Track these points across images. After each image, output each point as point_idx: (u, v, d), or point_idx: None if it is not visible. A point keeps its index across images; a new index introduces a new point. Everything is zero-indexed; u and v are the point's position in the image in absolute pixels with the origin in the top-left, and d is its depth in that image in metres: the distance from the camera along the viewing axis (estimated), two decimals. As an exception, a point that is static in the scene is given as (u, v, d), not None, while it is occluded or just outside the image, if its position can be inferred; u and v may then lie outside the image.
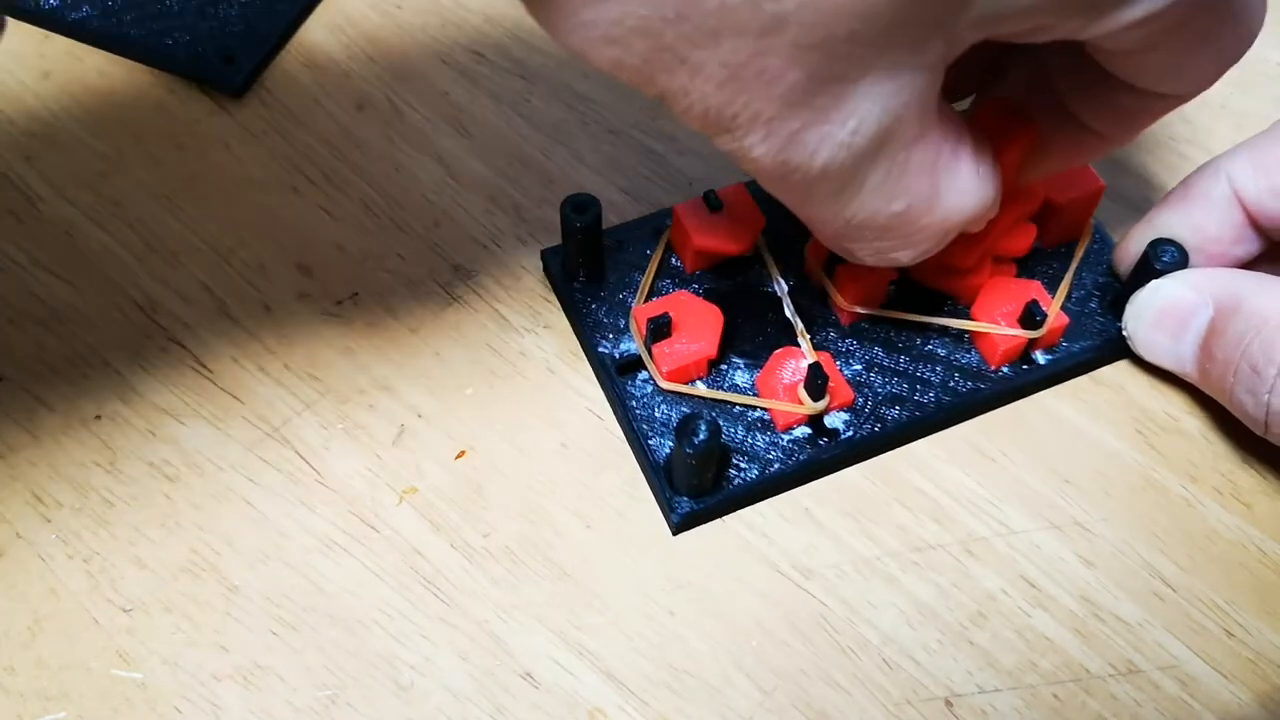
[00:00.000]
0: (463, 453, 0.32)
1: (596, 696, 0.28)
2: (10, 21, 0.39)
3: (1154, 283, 0.32)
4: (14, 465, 0.31)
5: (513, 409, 0.32)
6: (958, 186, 0.25)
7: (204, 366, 0.33)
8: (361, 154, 0.37)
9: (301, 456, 0.31)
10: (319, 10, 0.40)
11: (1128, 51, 0.24)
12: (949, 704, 0.28)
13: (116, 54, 0.38)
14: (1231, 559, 0.30)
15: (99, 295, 0.34)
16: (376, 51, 0.39)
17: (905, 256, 0.27)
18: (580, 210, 0.31)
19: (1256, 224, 0.31)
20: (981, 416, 0.32)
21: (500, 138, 0.37)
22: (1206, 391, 0.31)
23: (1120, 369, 0.33)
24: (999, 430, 0.32)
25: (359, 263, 0.35)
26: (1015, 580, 0.30)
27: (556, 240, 0.35)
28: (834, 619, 0.29)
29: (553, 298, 0.34)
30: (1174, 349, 0.31)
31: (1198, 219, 0.32)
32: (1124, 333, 0.32)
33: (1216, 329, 0.30)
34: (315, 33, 0.39)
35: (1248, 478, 0.32)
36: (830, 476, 0.31)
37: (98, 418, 0.32)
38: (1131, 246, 0.33)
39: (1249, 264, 0.32)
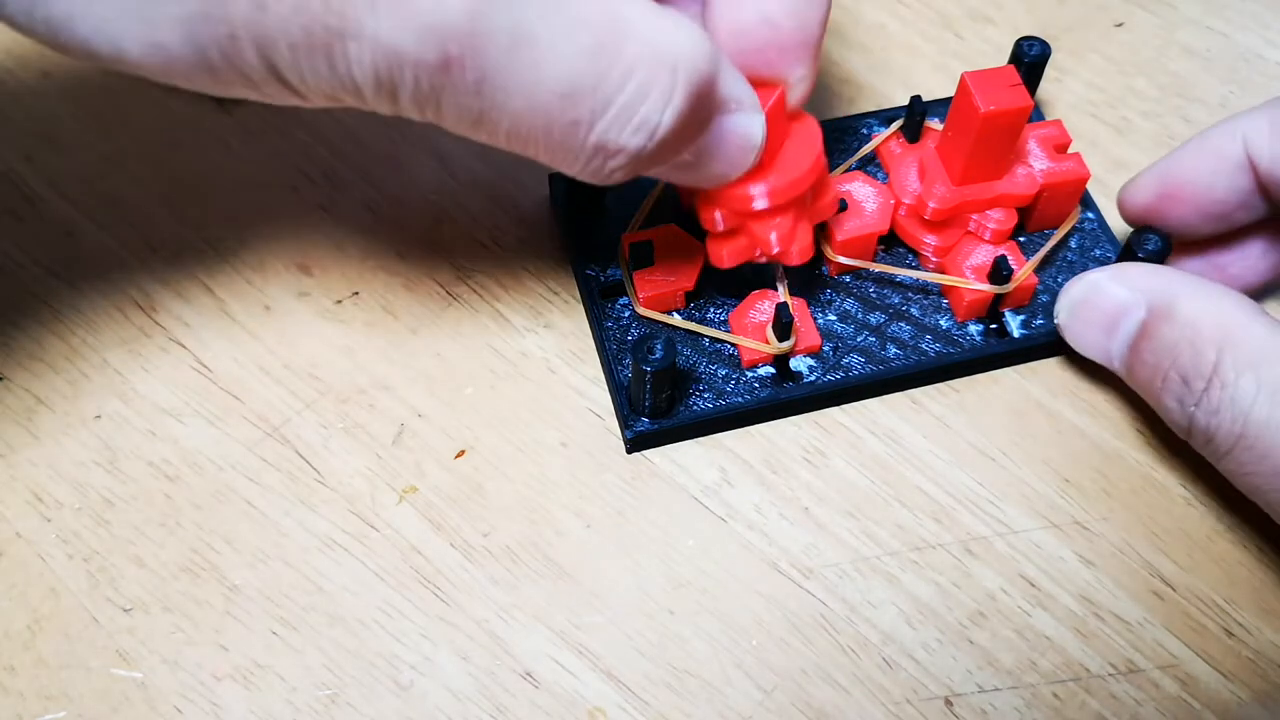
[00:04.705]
0: (462, 452, 0.32)
1: (596, 696, 0.28)
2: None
3: (1090, 277, 0.31)
4: (14, 465, 0.31)
5: (513, 409, 0.32)
6: (644, 16, 0.23)
7: (204, 366, 0.33)
8: (361, 154, 0.37)
9: (301, 456, 0.31)
10: (319, 10, 0.40)
11: None
12: (949, 703, 0.28)
13: (116, 54, 0.38)
14: (1231, 559, 0.30)
15: (99, 295, 0.34)
16: (376, 51, 0.39)
17: (653, 110, 0.24)
18: None
19: (1266, 190, 0.31)
20: (981, 416, 0.32)
21: (500, 138, 0.37)
22: (1132, 388, 0.31)
23: (1120, 368, 0.33)
24: (999, 430, 0.32)
25: (359, 263, 0.35)
26: (1015, 580, 0.30)
27: (558, 239, 0.35)
28: (834, 619, 0.29)
29: (553, 298, 0.34)
30: (1104, 345, 0.31)
31: (1206, 178, 0.31)
32: (1056, 322, 0.32)
33: (1148, 332, 0.29)
34: (315, 33, 0.39)
35: (1248, 477, 0.32)
36: (830, 473, 0.31)
37: (98, 418, 0.32)
38: (1136, 193, 0.33)
39: (1249, 228, 0.32)
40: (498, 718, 0.28)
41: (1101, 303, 0.31)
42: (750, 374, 0.32)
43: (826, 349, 0.32)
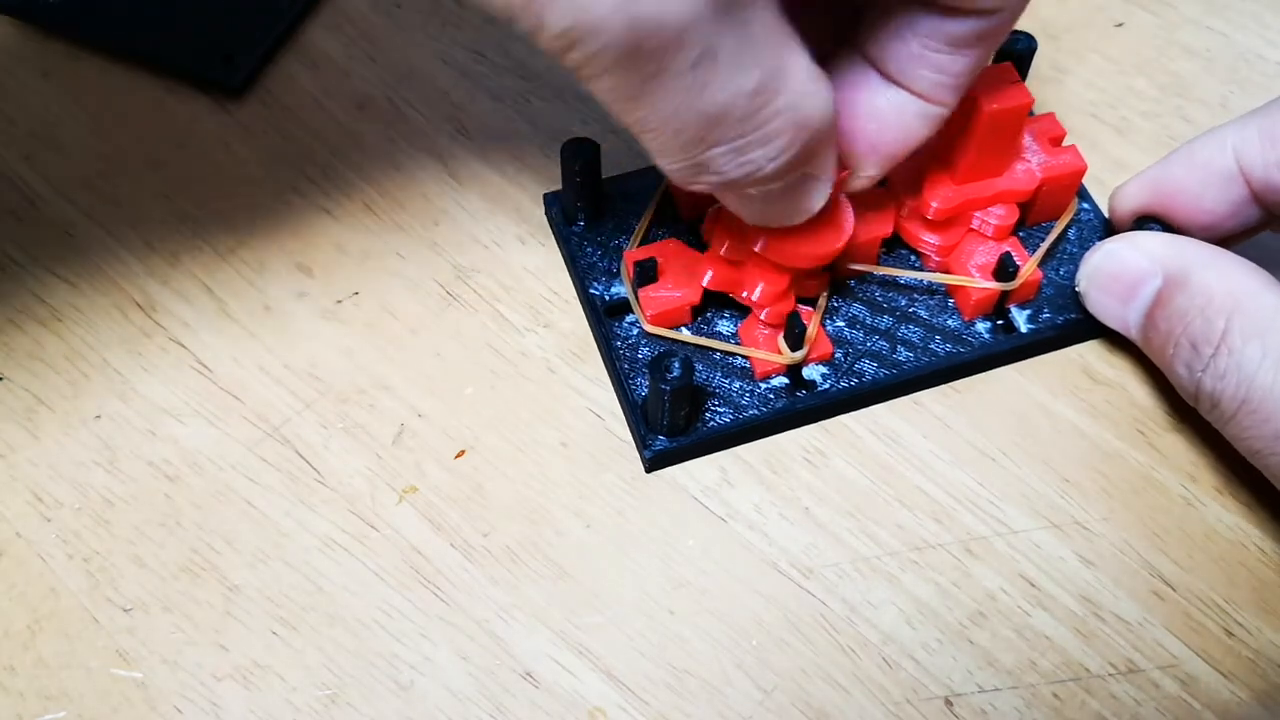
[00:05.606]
0: (462, 452, 0.32)
1: (596, 696, 0.28)
2: (10, 21, 0.39)
3: (1108, 246, 0.31)
4: (14, 465, 0.31)
5: (513, 409, 0.32)
6: (801, 74, 0.24)
7: (204, 366, 0.33)
8: (361, 154, 0.37)
9: (301, 456, 0.31)
10: (319, 10, 0.40)
11: None
12: (949, 703, 0.28)
13: (116, 54, 0.38)
14: (1231, 558, 0.30)
15: (99, 295, 0.34)
16: (376, 51, 0.39)
17: (765, 156, 0.25)
18: (577, 154, 0.32)
19: (1261, 199, 0.31)
20: (981, 416, 0.32)
21: (500, 138, 0.37)
22: (1148, 355, 0.31)
23: (1120, 367, 0.33)
24: (999, 430, 0.32)
25: (359, 263, 0.35)
26: (1015, 580, 0.30)
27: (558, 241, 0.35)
28: (834, 618, 0.29)
29: (553, 298, 0.34)
30: (1121, 313, 0.31)
31: (1195, 188, 0.31)
32: (1077, 290, 0.33)
33: (1163, 300, 0.30)
34: (315, 33, 0.39)
35: (1248, 478, 0.32)
36: (830, 473, 0.31)
37: (98, 418, 0.32)
38: (1125, 200, 0.33)
39: (1243, 234, 0.32)
40: (498, 718, 0.28)
41: (1119, 271, 0.31)
42: (764, 385, 0.32)
43: (838, 355, 0.32)
